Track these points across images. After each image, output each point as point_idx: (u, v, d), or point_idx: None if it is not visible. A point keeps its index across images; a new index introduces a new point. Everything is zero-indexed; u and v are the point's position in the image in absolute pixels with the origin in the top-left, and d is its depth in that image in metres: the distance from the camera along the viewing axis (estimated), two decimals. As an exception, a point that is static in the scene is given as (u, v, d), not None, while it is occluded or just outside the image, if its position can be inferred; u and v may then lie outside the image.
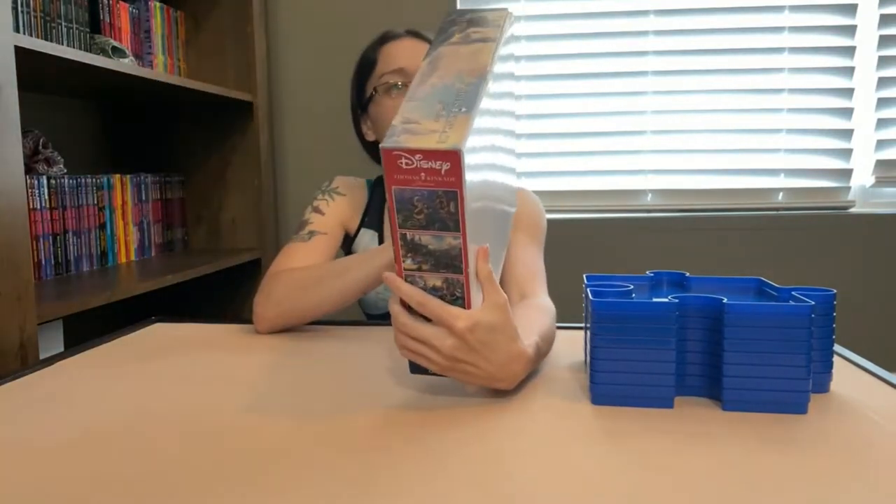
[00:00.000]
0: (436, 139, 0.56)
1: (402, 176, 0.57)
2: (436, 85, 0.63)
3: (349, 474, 0.52)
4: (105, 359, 0.86)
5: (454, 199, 0.58)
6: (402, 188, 0.58)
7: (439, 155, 0.56)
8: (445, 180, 0.57)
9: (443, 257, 0.61)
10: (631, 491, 0.49)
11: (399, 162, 0.57)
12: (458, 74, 0.64)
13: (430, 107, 0.61)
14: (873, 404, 0.67)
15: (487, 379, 0.67)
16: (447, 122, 0.58)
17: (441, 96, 0.62)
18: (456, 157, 0.55)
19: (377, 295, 1.14)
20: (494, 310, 0.65)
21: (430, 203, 0.58)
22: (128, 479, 0.52)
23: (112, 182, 1.66)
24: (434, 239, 0.60)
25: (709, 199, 2.01)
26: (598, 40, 2.02)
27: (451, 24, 0.72)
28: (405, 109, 0.61)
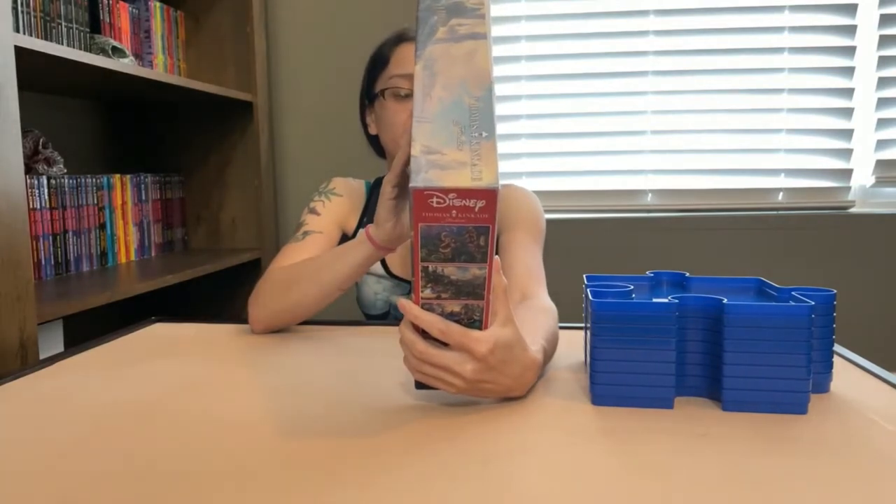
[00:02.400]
0: (469, 176, 0.54)
1: (433, 214, 0.55)
2: (443, 100, 0.60)
3: (348, 474, 0.52)
4: (105, 359, 0.86)
5: (485, 234, 0.56)
6: (431, 225, 0.56)
7: (475, 193, 0.54)
8: (479, 217, 0.55)
9: (465, 286, 0.60)
10: (631, 491, 0.49)
11: (430, 201, 0.54)
12: (462, 85, 0.62)
13: (445, 130, 0.58)
14: (873, 404, 0.67)
15: (504, 392, 0.67)
16: (473, 152, 0.56)
17: (453, 115, 0.59)
18: (493, 195, 0.53)
19: (375, 295, 1.14)
20: (507, 324, 0.64)
21: (458, 238, 0.57)
22: (128, 479, 0.52)
23: (112, 182, 1.66)
24: (458, 270, 0.59)
25: (709, 199, 2.01)
26: (598, 40, 2.02)
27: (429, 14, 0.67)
28: (420, 133, 0.58)
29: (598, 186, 2.04)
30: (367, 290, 1.15)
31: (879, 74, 1.93)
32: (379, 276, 1.13)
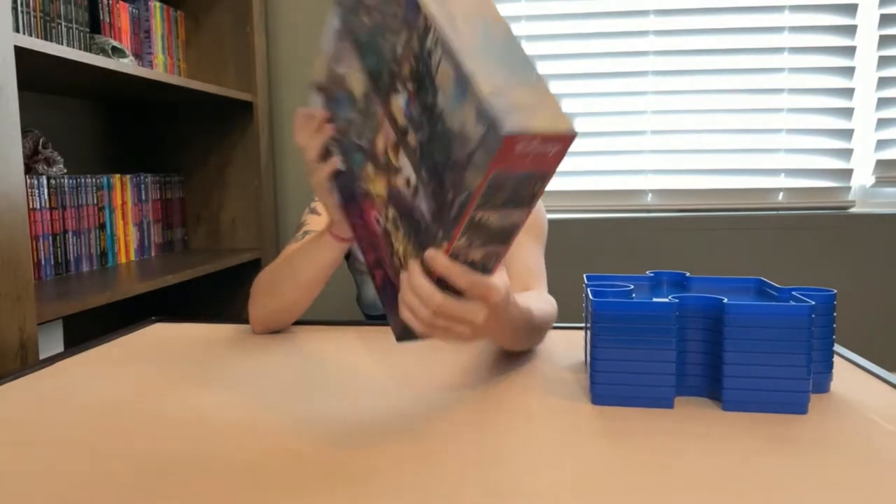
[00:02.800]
0: (548, 118, 0.50)
1: (511, 161, 0.50)
2: (476, 33, 0.55)
3: (348, 474, 0.52)
4: (105, 359, 0.86)
5: (543, 180, 0.53)
6: (504, 172, 0.51)
7: (556, 139, 0.50)
8: (549, 161, 0.51)
9: (499, 233, 0.57)
10: (631, 491, 0.49)
11: (516, 147, 0.49)
12: (482, 19, 0.57)
13: (498, 69, 0.53)
14: (873, 404, 0.67)
15: (486, 335, 0.69)
16: (534, 93, 0.52)
17: (493, 52, 0.54)
18: (570, 140, 0.51)
19: (376, 296, 1.14)
20: (503, 270, 0.64)
21: (518, 183, 0.53)
22: (128, 479, 0.52)
23: (112, 182, 1.66)
24: (501, 217, 0.55)
25: (709, 199, 2.01)
26: (598, 40, 2.02)
27: None
28: (477, 66, 0.52)
29: (598, 186, 2.04)
30: (369, 291, 1.15)
31: (879, 74, 1.93)
32: None
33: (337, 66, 0.71)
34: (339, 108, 0.71)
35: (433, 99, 0.58)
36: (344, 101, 0.70)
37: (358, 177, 0.70)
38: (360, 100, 0.67)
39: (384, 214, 0.66)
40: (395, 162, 0.63)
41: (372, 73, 0.65)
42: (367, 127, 0.66)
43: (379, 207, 0.66)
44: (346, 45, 0.69)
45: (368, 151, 0.67)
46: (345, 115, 0.71)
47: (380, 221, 0.67)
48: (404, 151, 0.62)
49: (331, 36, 0.71)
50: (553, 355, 0.86)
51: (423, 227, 0.61)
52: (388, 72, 0.62)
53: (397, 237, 0.65)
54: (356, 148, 0.69)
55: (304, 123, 0.76)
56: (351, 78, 0.69)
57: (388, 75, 0.62)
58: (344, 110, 0.70)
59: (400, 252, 0.65)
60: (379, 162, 0.65)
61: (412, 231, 0.62)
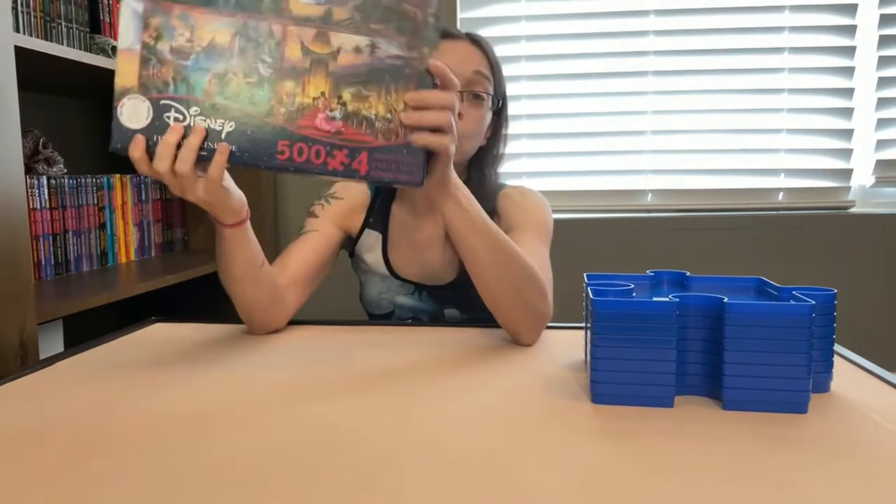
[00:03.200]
0: None
1: None
2: None
3: (349, 473, 0.52)
4: (105, 359, 0.86)
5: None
6: None
7: None
8: None
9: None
10: (631, 490, 0.49)
11: None
12: None
13: None
14: (873, 404, 0.67)
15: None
16: None
17: None
18: None
19: (380, 295, 1.14)
20: None
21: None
22: (127, 480, 0.52)
23: (112, 182, 1.66)
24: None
25: (709, 199, 2.02)
26: (598, 40, 2.02)
27: None
28: None
29: (598, 186, 2.04)
30: (372, 290, 1.15)
31: (879, 74, 1.93)
32: (383, 276, 1.13)
33: (165, 46, 0.65)
34: (192, 73, 0.66)
35: None
36: (200, 63, 0.66)
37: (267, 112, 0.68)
38: (232, 41, 0.67)
39: (337, 105, 0.69)
40: (328, 49, 0.68)
41: (241, 4, 0.66)
42: (263, 53, 0.67)
43: (323, 106, 0.68)
44: (171, 14, 0.66)
45: (279, 71, 0.68)
46: (213, 72, 0.67)
47: (334, 115, 0.69)
48: (334, 31, 0.68)
49: (132, 24, 0.64)
50: (553, 355, 0.86)
51: (399, 66, 0.69)
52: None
53: (370, 104, 0.69)
54: (250, 86, 0.68)
55: (163, 152, 0.68)
56: (199, 37, 0.66)
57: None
58: (202, 73, 0.66)
59: (382, 111, 0.69)
60: (299, 68, 0.68)
61: (389, 81, 0.69)
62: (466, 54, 1.05)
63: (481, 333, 0.97)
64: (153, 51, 0.65)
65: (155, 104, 0.65)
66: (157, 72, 0.65)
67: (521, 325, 0.91)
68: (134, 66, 0.64)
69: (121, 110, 0.64)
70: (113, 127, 0.64)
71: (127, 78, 0.64)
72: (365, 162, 0.69)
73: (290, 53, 0.67)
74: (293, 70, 0.68)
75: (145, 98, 0.65)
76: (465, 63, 1.04)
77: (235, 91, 0.67)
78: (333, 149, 0.68)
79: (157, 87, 0.65)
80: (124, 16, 0.64)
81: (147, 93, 0.65)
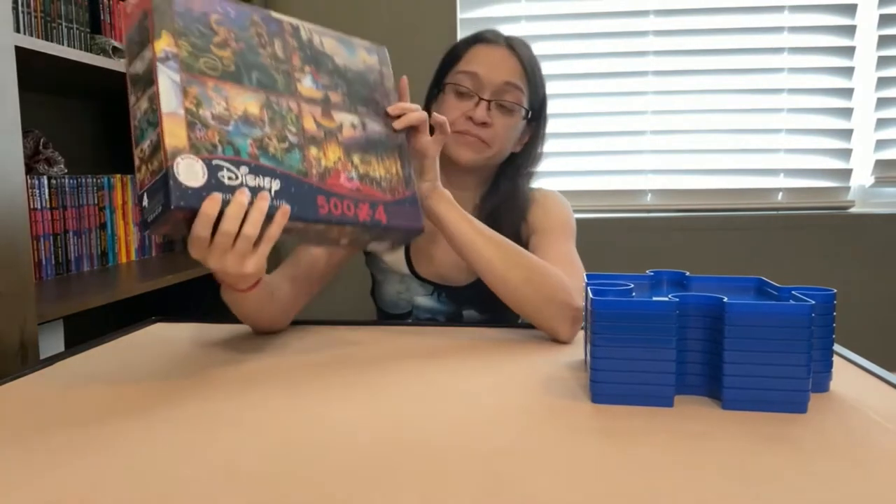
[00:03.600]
0: None
1: None
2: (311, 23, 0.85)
3: (350, 473, 0.52)
4: (105, 359, 0.86)
5: None
6: None
7: None
8: None
9: None
10: (630, 490, 0.49)
11: None
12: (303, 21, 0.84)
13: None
14: (873, 404, 0.67)
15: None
16: None
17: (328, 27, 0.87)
18: None
19: (398, 294, 1.14)
20: None
21: None
22: (128, 480, 0.52)
23: (112, 182, 1.67)
24: None
25: (709, 199, 2.02)
26: (598, 40, 2.02)
27: None
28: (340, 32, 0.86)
29: (598, 186, 2.04)
30: (390, 289, 1.14)
31: (879, 74, 1.93)
32: (403, 276, 1.12)
33: (206, 112, 0.69)
34: (234, 137, 0.70)
35: (333, 64, 0.82)
36: (240, 129, 0.71)
37: (304, 173, 0.74)
38: (261, 112, 0.73)
39: (352, 167, 0.79)
40: (334, 124, 0.79)
41: (262, 82, 0.75)
42: (288, 123, 0.75)
43: (342, 168, 0.78)
44: (206, 86, 0.70)
45: (304, 139, 0.76)
46: (252, 138, 0.71)
47: (352, 175, 0.78)
48: (335, 111, 0.80)
49: (173, 91, 0.67)
50: (553, 354, 0.86)
51: (384, 139, 0.84)
52: (281, 72, 0.77)
53: (373, 167, 0.81)
54: (285, 151, 0.73)
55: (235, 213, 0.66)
56: (233, 107, 0.71)
57: (282, 74, 0.77)
58: (243, 137, 0.71)
59: (382, 173, 0.82)
60: (318, 137, 0.77)
61: (380, 150, 0.82)
62: (499, 61, 1.05)
63: (481, 333, 0.97)
64: (196, 116, 0.68)
65: (208, 164, 0.67)
66: (203, 135, 0.68)
67: (548, 321, 0.91)
68: (182, 128, 0.66)
69: (177, 169, 0.65)
70: (171, 186, 0.64)
71: (177, 139, 0.66)
72: (383, 213, 0.80)
73: (308, 125, 0.77)
74: (313, 139, 0.76)
75: (198, 158, 0.66)
76: (496, 71, 1.03)
77: (274, 154, 0.72)
78: (359, 202, 0.78)
79: (207, 148, 0.67)
80: (163, 84, 0.67)
81: (199, 153, 0.67)
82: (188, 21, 0.71)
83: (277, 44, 0.78)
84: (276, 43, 0.77)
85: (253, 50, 0.75)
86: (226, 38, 0.73)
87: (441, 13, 2.00)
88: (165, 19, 0.69)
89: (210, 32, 0.72)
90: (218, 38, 0.73)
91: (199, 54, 0.70)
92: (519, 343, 0.92)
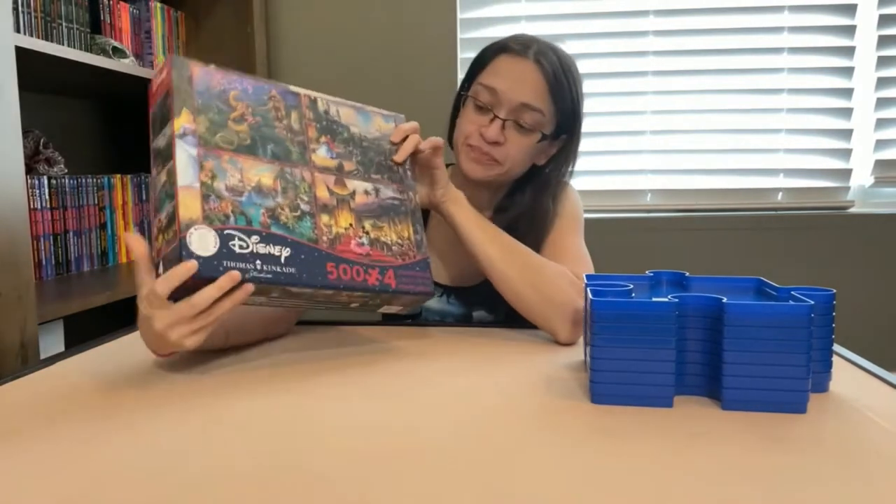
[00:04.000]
0: None
1: None
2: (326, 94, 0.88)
3: (351, 473, 0.52)
4: (105, 359, 0.86)
5: None
6: None
7: None
8: None
9: None
10: (630, 490, 0.49)
11: None
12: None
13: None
14: (873, 404, 0.67)
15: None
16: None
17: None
18: None
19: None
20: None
21: None
22: (128, 480, 0.52)
23: (112, 182, 1.67)
24: None
25: (709, 199, 2.02)
26: (597, 40, 2.02)
27: None
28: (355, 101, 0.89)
29: (598, 186, 2.04)
30: None
31: (878, 74, 1.93)
32: None
33: (220, 185, 0.72)
34: (247, 207, 0.73)
35: (348, 133, 0.86)
36: (253, 200, 0.74)
37: (315, 240, 0.77)
38: (275, 182, 0.77)
39: (362, 233, 0.81)
40: (347, 191, 0.82)
41: (276, 154, 0.78)
42: (301, 192, 0.78)
43: (353, 234, 0.80)
44: (222, 159, 0.74)
45: (315, 207, 0.79)
46: (264, 207, 0.75)
47: (362, 241, 0.81)
48: (348, 178, 0.83)
49: (190, 165, 0.71)
50: (553, 355, 0.86)
51: (397, 204, 0.86)
52: (296, 143, 0.80)
53: (385, 232, 0.83)
54: (296, 219, 0.77)
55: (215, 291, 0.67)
56: (248, 178, 0.75)
57: (297, 145, 0.80)
58: (255, 207, 0.74)
59: (394, 238, 0.84)
60: (330, 205, 0.80)
61: (393, 215, 0.85)
62: (521, 78, 0.98)
63: (482, 333, 0.97)
64: (211, 188, 0.71)
65: (220, 233, 0.71)
66: (217, 206, 0.71)
67: (549, 322, 0.91)
68: (196, 201, 0.70)
69: (190, 239, 0.68)
70: (183, 256, 0.68)
71: (191, 211, 0.70)
72: (393, 278, 0.81)
73: (321, 194, 0.80)
74: (325, 207, 0.79)
75: (211, 228, 0.70)
76: (516, 90, 0.98)
77: (285, 223, 0.75)
78: (368, 268, 0.80)
79: (220, 219, 0.71)
80: (181, 158, 0.71)
81: (212, 224, 0.70)
82: (207, 98, 0.75)
83: (294, 116, 0.81)
84: (292, 115, 0.81)
85: (269, 123, 0.79)
86: (243, 113, 0.77)
87: (441, 13, 2.00)
88: (185, 98, 0.73)
89: (228, 108, 0.76)
90: (235, 114, 0.77)
91: (217, 129, 0.74)
92: (519, 343, 0.92)
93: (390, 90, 2.01)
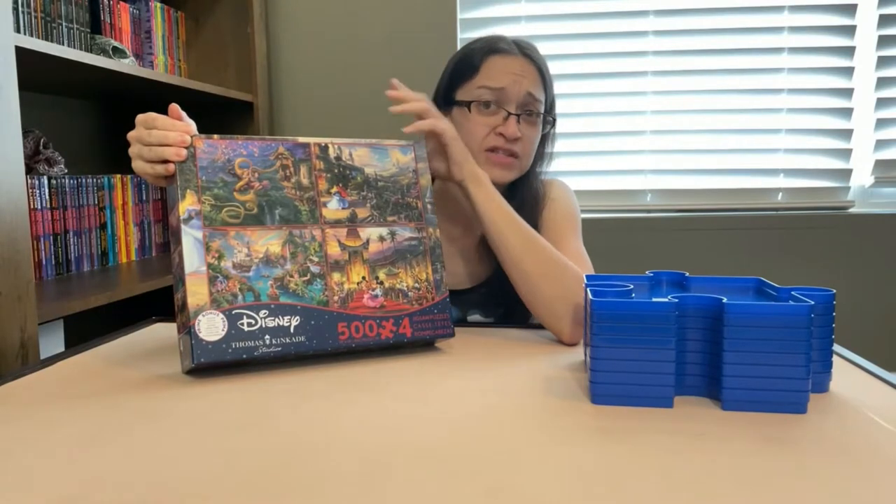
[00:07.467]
0: None
1: None
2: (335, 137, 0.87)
3: (350, 473, 0.52)
4: (105, 359, 0.86)
5: None
6: None
7: None
8: None
9: None
10: (630, 491, 0.49)
11: None
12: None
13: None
14: (873, 404, 0.67)
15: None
16: None
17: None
18: None
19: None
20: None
21: None
22: (128, 480, 0.52)
23: (113, 182, 1.67)
24: None
25: (709, 199, 2.02)
26: (597, 41, 2.02)
27: None
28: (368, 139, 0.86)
29: (597, 186, 2.04)
30: None
31: (878, 74, 1.94)
32: None
33: (227, 263, 0.74)
34: (255, 282, 0.75)
35: (363, 176, 0.84)
36: (261, 272, 0.75)
37: (325, 303, 0.78)
38: (283, 249, 0.77)
39: (376, 284, 0.81)
40: (360, 242, 0.82)
41: (284, 217, 0.78)
42: (310, 254, 0.79)
43: (366, 287, 0.80)
44: (228, 235, 0.75)
45: (326, 266, 0.79)
46: (273, 278, 0.76)
47: (376, 293, 0.81)
48: (361, 227, 0.82)
49: (195, 250, 0.73)
50: (553, 355, 0.86)
51: (415, 244, 0.85)
52: (305, 201, 0.80)
53: (400, 278, 0.83)
54: (306, 284, 0.77)
55: None
56: (255, 250, 0.76)
57: (307, 203, 0.80)
58: (263, 280, 0.75)
59: (411, 282, 0.83)
60: (342, 261, 0.80)
61: (410, 258, 0.84)
62: (521, 72, 1.03)
63: (481, 333, 0.97)
64: (218, 269, 0.73)
65: (228, 315, 0.72)
66: (224, 287, 0.72)
67: (557, 319, 0.90)
68: (203, 286, 0.72)
69: (199, 327, 0.70)
70: (193, 344, 0.70)
71: (199, 297, 0.71)
72: (408, 326, 0.82)
73: (332, 251, 0.80)
74: (337, 264, 0.80)
75: (219, 311, 0.71)
76: (519, 83, 1.02)
77: (294, 290, 0.76)
78: (382, 321, 0.80)
79: (227, 299, 0.72)
80: (187, 244, 0.72)
81: (219, 307, 0.71)
82: (211, 173, 0.76)
83: (303, 170, 0.80)
84: (301, 170, 0.80)
85: (277, 185, 0.78)
86: (249, 180, 0.77)
87: (441, 13, 2.00)
88: (189, 178, 0.75)
89: (233, 178, 0.77)
90: (241, 183, 0.77)
91: (222, 205, 0.75)
92: (519, 343, 0.92)
93: (390, 90, 2.01)
